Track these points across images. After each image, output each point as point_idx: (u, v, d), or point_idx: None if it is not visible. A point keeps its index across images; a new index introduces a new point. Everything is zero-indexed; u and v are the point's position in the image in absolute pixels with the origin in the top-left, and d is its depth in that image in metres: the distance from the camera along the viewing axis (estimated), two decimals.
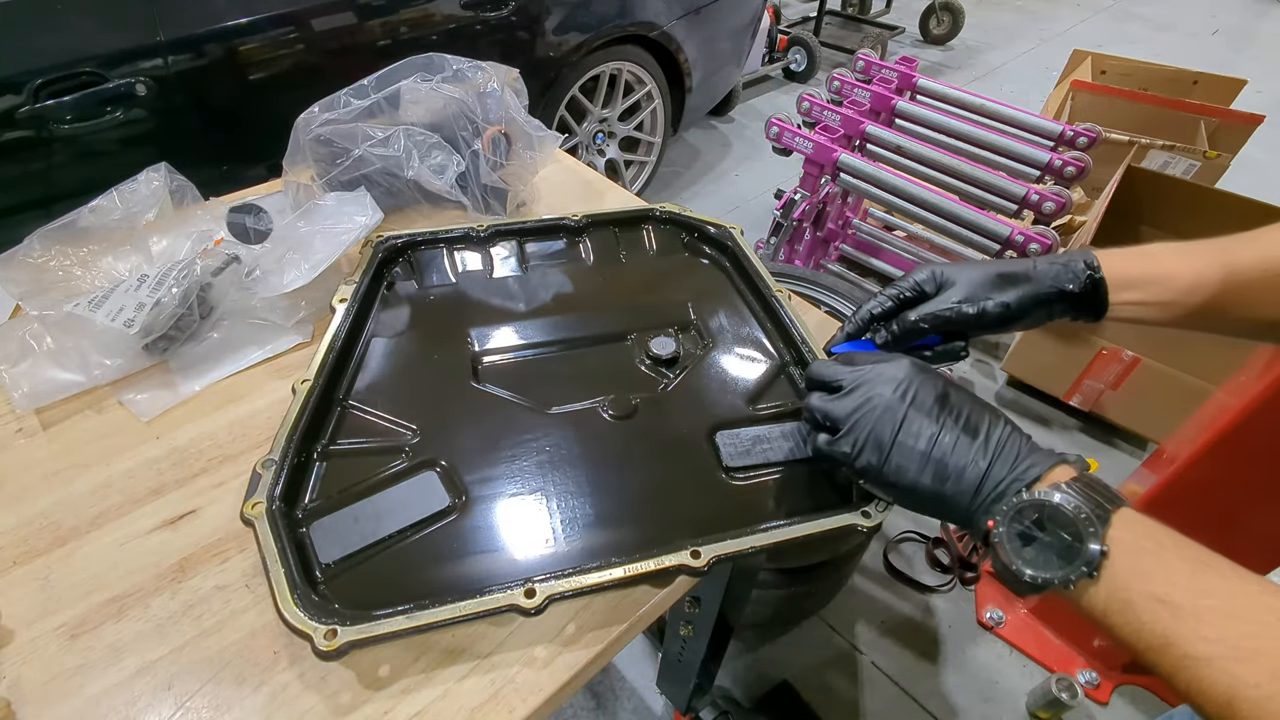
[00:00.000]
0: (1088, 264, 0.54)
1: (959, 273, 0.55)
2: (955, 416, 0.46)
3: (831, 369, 0.52)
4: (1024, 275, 0.54)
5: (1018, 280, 0.54)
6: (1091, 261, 0.54)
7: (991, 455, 0.44)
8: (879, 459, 0.47)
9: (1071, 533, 0.40)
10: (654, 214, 0.86)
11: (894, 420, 0.46)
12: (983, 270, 0.55)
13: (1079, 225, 2.19)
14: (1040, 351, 1.93)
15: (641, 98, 2.46)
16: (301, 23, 1.51)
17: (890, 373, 0.49)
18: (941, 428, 0.46)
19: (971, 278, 0.55)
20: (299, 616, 0.44)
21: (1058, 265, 0.54)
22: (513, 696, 0.47)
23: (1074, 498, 0.41)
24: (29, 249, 0.70)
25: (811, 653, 1.46)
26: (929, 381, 0.48)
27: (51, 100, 1.25)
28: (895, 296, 0.57)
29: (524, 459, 0.59)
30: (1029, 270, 0.55)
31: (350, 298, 0.70)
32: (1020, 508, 0.42)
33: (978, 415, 0.46)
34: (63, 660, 0.48)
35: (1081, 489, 0.41)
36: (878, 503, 0.53)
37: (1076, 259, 0.54)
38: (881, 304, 0.57)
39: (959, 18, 4.18)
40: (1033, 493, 0.42)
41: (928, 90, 2.01)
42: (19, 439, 0.63)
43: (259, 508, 0.50)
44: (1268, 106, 2.63)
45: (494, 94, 0.89)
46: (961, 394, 0.48)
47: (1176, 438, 1.21)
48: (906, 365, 0.49)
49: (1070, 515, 0.40)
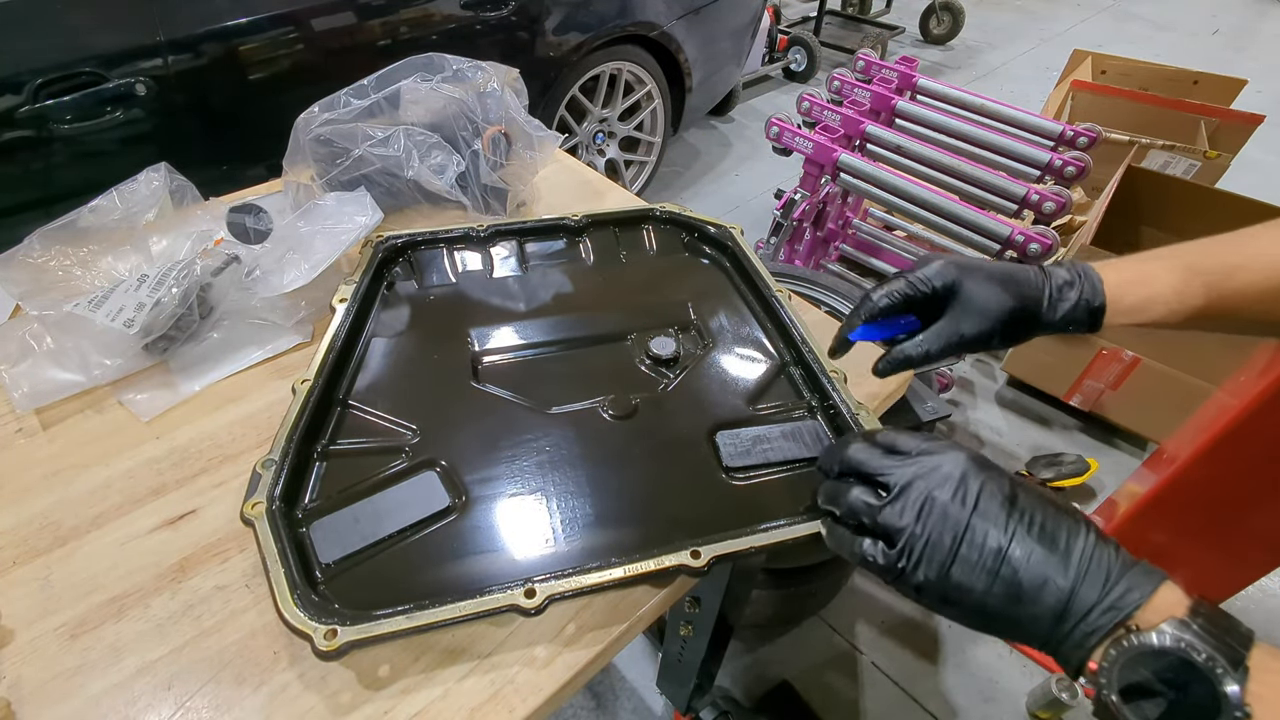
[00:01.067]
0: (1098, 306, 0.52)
1: (975, 290, 0.51)
2: (1028, 523, 0.39)
3: (875, 459, 0.44)
4: (1035, 307, 0.52)
5: (1029, 318, 0.52)
6: (1100, 303, 0.52)
7: (1076, 573, 0.37)
8: (938, 575, 0.40)
9: (1204, 690, 0.34)
10: (654, 214, 0.86)
11: (955, 530, 0.40)
12: (996, 291, 0.51)
13: (1079, 225, 2.19)
14: (1040, 351, 1.93)
15: (641, 98, 2.46)
16: (301, 23, 1.52)
17: (947, 469, 0.42)
18: (1012, 538, 0.39)
19: (987, 305, 0.51)
20: (299, 616, 0.44)
21: (1068, 304, 0.52)
22: (513, 696, 0.47)
23: (1201, 642, 0.34)
24: (29, 249, 0.70)
25: (811, 653, 1.46)
26: (993, 480, 0.41)
27: (51, 100, 1.25)
28: (907, 293, 0.53)
29: (524, 459, 0.59)
30: (1040, 305, 0.52)
31: (350, 298, 0.70)
32: (1134, 655, 0.35)
33: (1054, 521, 0.39)
34: (63, 660, 0.48)
35: (1205, 628, 0.34)
36: None
37: (1088, 297, 0.52)
38: (892, 297, 0.53)
39: (959, 18, 4.18)
40: (1146, 635, 0.35)
41: (928, 90, 2.01)
42: (19, 439, 0.63)
43: (259, 508, 0.50)
44: (1268, 106, 2.63)
45: (494, 94, 0.89)
46: (1031, 495, 0.41)
47: (1176, 438, 1.21)
48: (964, 461, 0.42)
49: (1203, 670, 0.33)
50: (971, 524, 0.39)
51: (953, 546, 0.39)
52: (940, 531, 0.40)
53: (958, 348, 0.52)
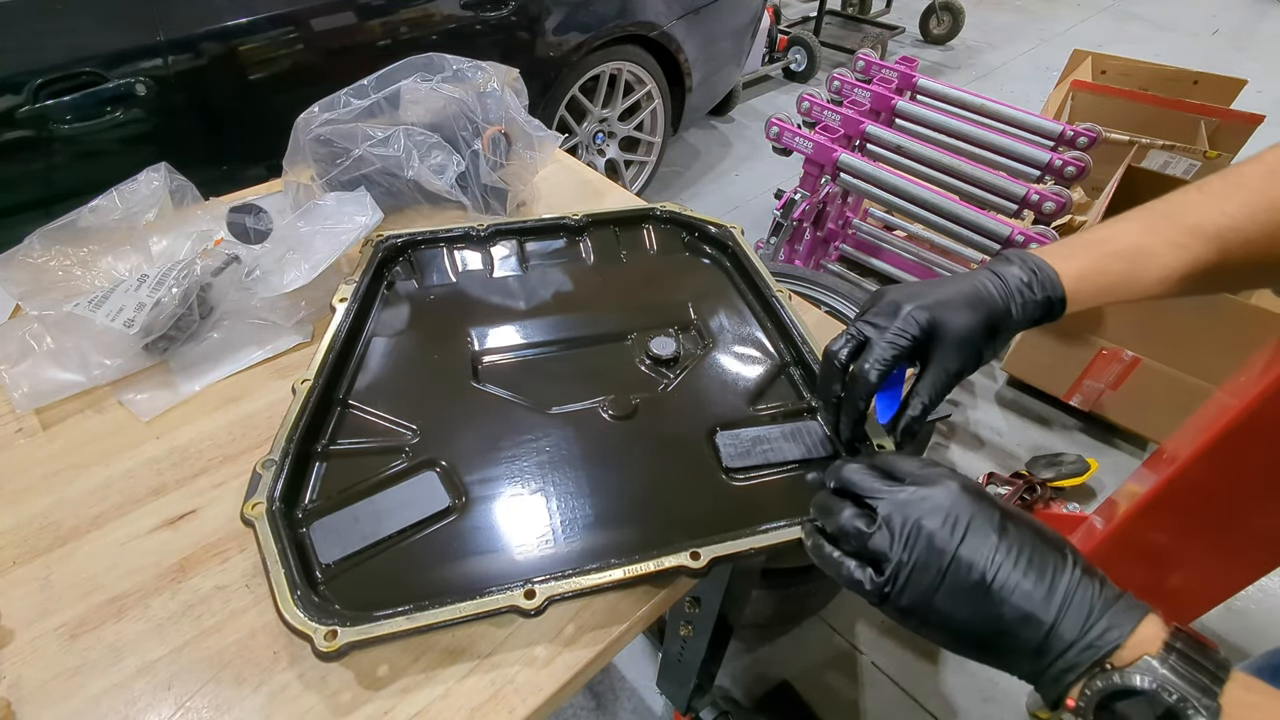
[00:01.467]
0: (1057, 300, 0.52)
1: (948, 323, 0.51)
2: (1014, 558, 0.39)
3: (869, 481, 0.45)
4: (1004, 319, 0.52)
5: (1001, 329, 0.52)
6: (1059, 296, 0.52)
7: (1058, 609, 0.38)
8: (922, 603, 0.40)
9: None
10: (654, 213, 0.86)
11: (940, 560, 0.40)
12: (968, 318, 0.51)
13: (1079, 225, 2.19)
14: (1040, 351, 1.93)
15: (641, 98, 2.46)
16: (301, 23, 1.52)
17: (938, 499, 0.42)
18: (996, 572, 0.39)
19: (961, 333, 0.51)
20: (299, 617, 0.44)
21: (1032, 302, 0.52)
22: (513, 696, 0.47)
23: (1176, 678, 0.34)
24: (29, 249, 0.70)
25: (811, 653, 1.46)
26: (983, 513, 0.41)
27: (51, 100, 1.25)
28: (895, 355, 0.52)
29: (524, 459, 0.59)
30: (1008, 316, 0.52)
31: (350, 297, 0.70)
32: (1106, 694, 0.36)
33: (1041, 556, 0.39)
34: (63, 660, 0.48)
35: (1180, 664, 0.35)
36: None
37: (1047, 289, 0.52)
38: (882, 366, 0.52)
39: (959, 18, 4.18)
40: (1120, 672, 0.35)
41: (928, 90, 2.01)
42: (19, 439, 0.63)
43: (259, 508, 0.50)
44: (1268, 106, 2.63)
45: (494, 94, 0.89)
46: (1021, 527, 0.41)
47: (1176, 438, 1.21)
48: (956, 491, 0.42)
49: (1173, 707, 0.34)
50: (957, 555, 0.40)
51: (937, 577, 0.40)
52: (926, 561, 0.40)
53: (952, 385, 0.52)
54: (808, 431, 0.62)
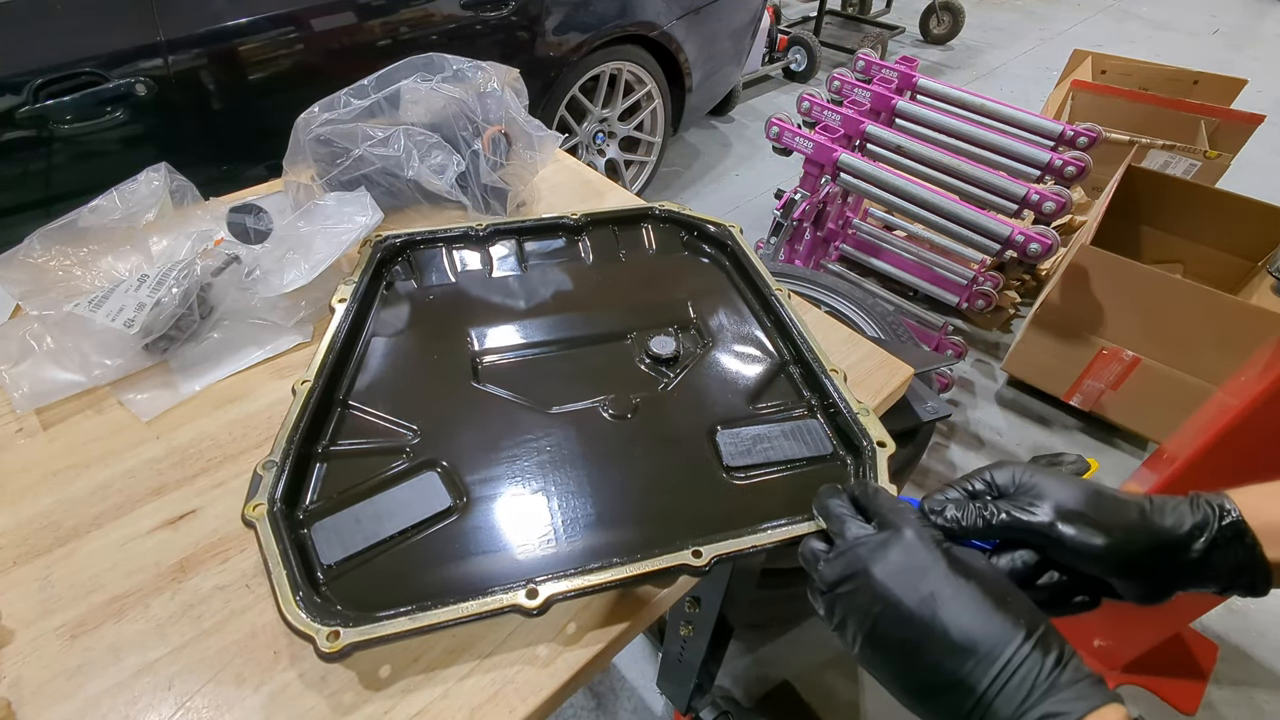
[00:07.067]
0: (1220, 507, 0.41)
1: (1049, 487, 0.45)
2: (952, 617, 0.36)
3: (836, 513, 0.45)
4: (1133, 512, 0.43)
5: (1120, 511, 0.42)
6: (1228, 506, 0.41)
7: (992, 680, 0.34)
8: (857, 645, 0.40)
9: None
10: (653, 213, 0.86)
11: (871, 606, 0.39)
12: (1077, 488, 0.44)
13: (1079, 225, 2.19)
14: (1040, 351, 1.93)
15: (641, 98, 2.46)
16: (301, 23, 1.52)
17: (891, 549, 0.40)
18: (928, 629, 0.37)
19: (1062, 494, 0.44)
20: (301, 618, 0.44)
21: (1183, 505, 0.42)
22: (513, 696, 0.47)
23: None
24: (29, 249, 0.70)
25: (811, 653, 1.46)
26: (933, 572, 0.38)
27: (51, 100, 1.25)
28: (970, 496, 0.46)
29: (525, 459, 0.59)
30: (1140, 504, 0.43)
31: (350, 297, 0.70)
32: None
33: (986, 620, 0.36)
34: (63, 660, 0.48)
35: None
36: None
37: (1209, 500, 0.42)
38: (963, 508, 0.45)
39: (959, 17, 4.18)
40: None
41: (928, 90, 2.01)
42: (19, 439, 0.63)
43: (260, 509, 0.50)
44: (1268, 106, 2.64)
45: (494, 94, 0.89)
46: (974, 592, 0.37)
47: (1176, 438, 1.21)
48: (908, 541, 0.40)
49: None
50: (892, 606, 0.38)
51: (867, 622, 0.39)
52: (859, 605, 0.40)
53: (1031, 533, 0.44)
54: (808, 430, 0.62)
